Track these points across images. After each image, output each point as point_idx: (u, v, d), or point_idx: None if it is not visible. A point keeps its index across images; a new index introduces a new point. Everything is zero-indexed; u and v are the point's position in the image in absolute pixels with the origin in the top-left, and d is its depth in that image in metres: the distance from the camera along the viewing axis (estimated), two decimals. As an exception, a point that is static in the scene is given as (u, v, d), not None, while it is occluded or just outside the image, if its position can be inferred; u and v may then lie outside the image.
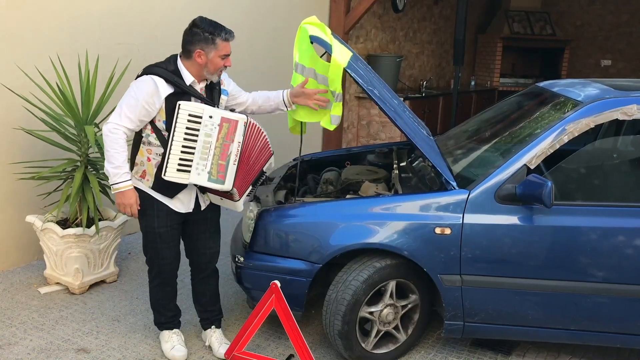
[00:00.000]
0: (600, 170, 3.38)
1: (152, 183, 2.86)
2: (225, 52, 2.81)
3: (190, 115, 2.72)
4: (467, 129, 4.05)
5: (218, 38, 2.78)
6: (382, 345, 3.20)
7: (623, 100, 3.00)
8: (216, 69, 2.83)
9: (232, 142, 2.79)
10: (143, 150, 2.86)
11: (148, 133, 2.84)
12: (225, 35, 2.79)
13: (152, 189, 2.88)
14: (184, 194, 2.92)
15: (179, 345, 3.14)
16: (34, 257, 4.25)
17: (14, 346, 3.18)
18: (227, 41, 2.81)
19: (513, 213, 2.95)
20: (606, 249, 2.91)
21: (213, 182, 2.81)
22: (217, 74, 2.86)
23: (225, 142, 2.78)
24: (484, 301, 3.05)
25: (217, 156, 2.78)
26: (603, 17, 10.33)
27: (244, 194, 3.01)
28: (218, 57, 2.79)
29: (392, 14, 8.00)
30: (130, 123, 2.76)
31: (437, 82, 9.45)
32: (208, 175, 2.79)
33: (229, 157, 2.80)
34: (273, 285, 2.90)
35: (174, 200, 2.92)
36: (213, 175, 2.80)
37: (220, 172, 2.81)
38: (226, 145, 2.79)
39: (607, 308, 2.98)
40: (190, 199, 2.97)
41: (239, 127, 2.80)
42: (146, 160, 2.86)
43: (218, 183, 2.82)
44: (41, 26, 4.02)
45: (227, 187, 2.85)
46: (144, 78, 2.76)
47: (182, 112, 2.70)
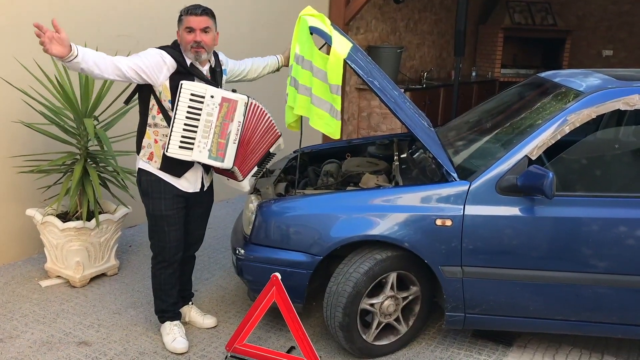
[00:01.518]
0: (601, 160, 3.36)
1: (159, 164, 2.94)
2: (187, 25, 2.85)
3: (193, 95, 2.80)
4: (468, 120, 4.03)
5: (183, 15, 2.88)
6: (383, 337, 3.21)
7: (625, 90, 2.98)
8: (186, 45, 2.87)
9: (232, 122, 2.88)
10: (150, 132, 2.95)
11: (154, 114, 2.92)
12: (188, 10, 2.87)
13: (160, 170, 2.95)
14: (191, 174, 3.01)
15: (180, 338, 3.15)
16: (34, 251, 4.25)
17: (15, 339, 3.18)
18: (189, 14, 2.85)
19: (514, 204, 2.94)
20: (607, 239, 2.90)
21: (213, 159, 2.90)
22: (192, 52, 2.87)
23: (225, 121, 2.87)
24: (485, 292, 3.05)
25: (217, 134, 2.87)
26: (604, 6, 10.27)
27: (249, 173, 3.13)
28: (184, 32, 2.87)
29: (393, 4, 7.95)
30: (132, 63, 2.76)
31: (438, 73, 9.41)
32: (208, 152, 2.88)
33: (228, 135, 2.89)
34: (274, 277, 2.90)
35: (181, 180, 3.00)
36: (213, 153, 2.89)
37: (219, 150, 2.90)
38: (225, 125, 2.87)
39: (609, 299, 2.98)
40: (197, 179, 3.06)
41: (238, 107, 2.88)
42: (153, 142, 2.95)
43: (218, 160, 2.91)
44: (39, 18, 3.99)
45: (226, 165, 2.93)
46: (154, 49, 2.88)
47: (184, 91, 2.79)
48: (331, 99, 3.16)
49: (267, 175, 3.70)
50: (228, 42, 2.88)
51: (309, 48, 3.18)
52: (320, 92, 3.19)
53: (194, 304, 3.47)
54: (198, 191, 3.07)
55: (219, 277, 4.07)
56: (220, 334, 3.35)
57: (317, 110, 3.20)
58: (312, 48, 3.16)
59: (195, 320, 3.36)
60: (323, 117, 3.20)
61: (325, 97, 3.18)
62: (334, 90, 3.10)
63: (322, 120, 3.20)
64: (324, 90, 3.17)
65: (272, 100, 3.32)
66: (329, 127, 3.21)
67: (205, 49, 2.88)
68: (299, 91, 3.23)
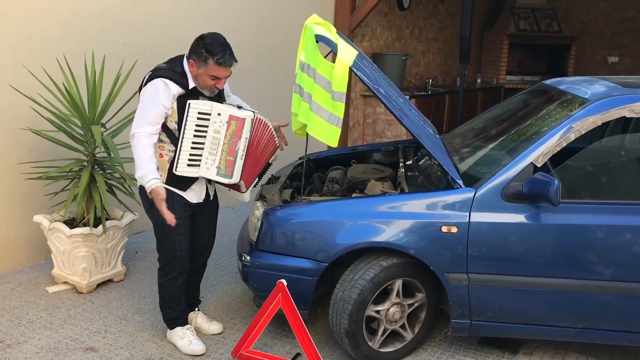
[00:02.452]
0: (606, 168, 3.37)
1: (165, 178, 2.96)
2: (214, 74, 2.85)
3: (200, 113, 2.84)
4: (474, 127, 4.04)
5: (211, 59, 2.82)
6: (388, 343, 3.21)
7: (630, 97, 2.99)
8: (205, 86, 2.90)
9: (240, 139, 2.93)
10: (155, 147, 2.95)
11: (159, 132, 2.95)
12: (219, 60, 2.82)
13: (166, 184, 2.96)
14: (197, 185, 3.05)
15: (196, 340, 3.20)
16: (41, 257, 4.27)
17: (22, 345, 3.20)
18: (219, 65, 2.83)
19: (519, 211, 2.94)
20: (613, 247, 2.90)
21: (221, 176, 2.95)
22: (207, 90, 2.92)
23: (233, 138, 2.91)
24: (490, 299, 3.05)
25: (225, 152, 2.90)
26: (609, 13, 10.27)
27: (251, 185, 3.18)
28: (207, 75, 2.86)
29: (398, 11, 7.98)
30: (150, 127, 2.84)
31: (443, 79, 9.42)
32: (217, 169, 2.92)
33: (236, 152, 2.94)
34: (279, 284, 2.91)
35: (188, 192, 3.03)
36: (222, 170, 2.93)
37: (228, 167, 2.95)
38: (234, 142, 2.91)
39: (615, 306, 2.97)
40: (202, 189, 3.10)
41: (246, 124, 2.93)
42: (159, 157, 2.95)
43: (226, 177, 2.97)
44: (48, 27, 4.03)
45: (235, 181, 3.00)
46: (155, 82, 2.85)
47: (192, 110, 2.82)
48: (332, 106, 3.16)
49: (273, 182, 3.71)
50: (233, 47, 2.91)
51: (314, 56, 3.19)
52: (321, 100, 3.20)
53: (200, 310, 3.47)
54: (202, 201, 3.10)
55: (225, 283, 4.08)
56: (226, 340, 3.35)
57: (315, 117, 3.21)
58: (317, 56, 3.18)
59: (201, 327, 3.37)
60: (321, 125, 3.21)
61: (325, 105, 3.19)
62: (337, 97, 3.11)
63: (320, 127, 3.20)
64: (324, 98, 3.18)
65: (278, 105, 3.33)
66: (326, 134, 3.21)
67: None
68: (303, 98, 3.25)
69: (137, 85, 4.07)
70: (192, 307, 3.41)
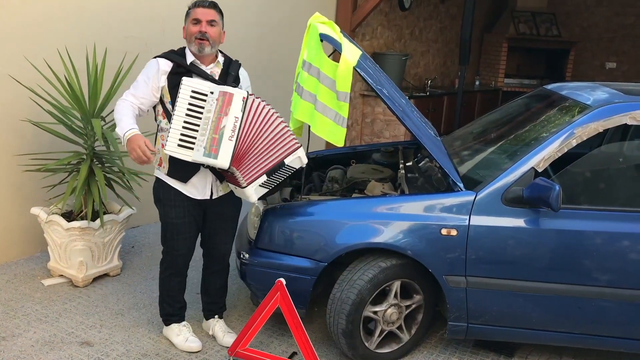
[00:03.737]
0: (606, 174, 3.37)
1: (167, 169, 2.91)
2: (193, 17, 2.86)
3: (194, 92, 2.71)
4: (474, 130, 4.04)
5: (190, 9, 2.89)
6: (385, 344, 3.21)
7: (632, 105, 3.00)
8: (191, 36, 2.85)
9: (227, 116, 2.71)
10: (159, 138, 2.94)
11: (160, 119, 2.92)
12: (195, 2, 2.88)
13: (167, 176, 2.92)
14: (198, 179, 2.93)
15: (192, 337, 3.18)
16: (36, 249, 4.25)
17: (17, 338, 3.18)
18: (196, 7, 2.87)
19: (519, 216, 2.95)
20: (611, 253, 2.91)
21: (207, 156, 2.73)
22: (196, 44, 2.84)
23: (220, 115, 2.72)
24: (488, 303, 3.05)
25: (212, 130, 2.73)
26: (609, 18, 10.30)
27: (254, 181, 2.85)
28: (190, 24, 2.87)
29: (399, 12, 7.97)
30: (133, 98, 2.86)
31: (441, 81, 9.43)
32: (204, 150, 2.73)
33: (222, 130, 2.72)
34: (278, 282, 2.90)
35: (188, 186, 2.93)
36: (207, 150, 2.72)
37: (213, 146, 2.72)
38: (219, 119, 2.72)
39: (612, 312, 2.98)
40: (205, 185, 2.97)
41: (234, 100, 2.72)
42: (161, 147, 2.90)
43: (211, 157, 2.73)
44: (50, 19, 4.01)
45: (220, 163, 2.74)
46: (149, 61, 2.90)
47: (185, 88, 2.71)
48: (337, 106, 3.17)
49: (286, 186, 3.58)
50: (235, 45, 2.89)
51: (317, 55, 3.19)
52: (326, 99, 3.20)
53: (222, 318, 3.38)
54: (208, 199, 2.99)
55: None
56: (222, 337, 3.35)
57: (321, 117, 3.21)
58: (320, 55, 3.18)
59: (216, 335, 3.29)
60: (327, 124, 3.21)
61: (330, 105, 3.19)
62: (341, 97, 3.11)
63: (326, 127, 3.20)
64: (330, 98, 3.18)
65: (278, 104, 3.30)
66: (333, 134, 3.22)
67: (210, 42, 2.83)
68: (302, 97, 3.24)
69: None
70: (212, 314, 3.35)
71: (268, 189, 2.95)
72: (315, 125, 3.14)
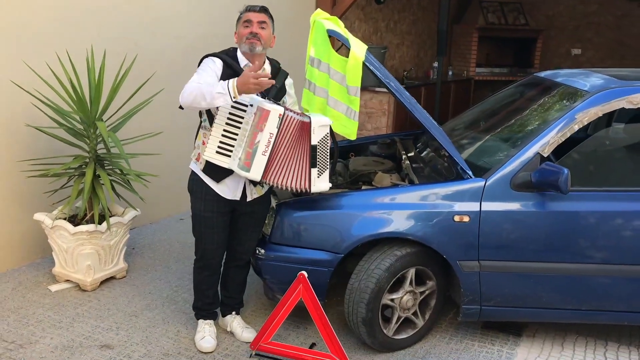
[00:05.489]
0: (608, 157, 3.50)
1: (203, 166, 2.94)
2: (245, 19, 2.92)
3: (235, 102, 2.75)
4: (471, 118, 4.15)
5: (242, 13, 2.97)
6: (401, 331, 3.30)
7: (628, 89, 3.14)
8: (242, 37, 2.90)
9: (262, 132, 2.76)
10: (200, 134, 2.98)
11: (205, 117, 2.94)
12: (247, 7, 2.96)
13: (202, 172, 2.96)
14: (231, 180, 2.97)
15: (209, 337, 3.19)
16: (37, 256, 4.20)
17: (35, 345, 3.16)
18: (248, 11, 2.94)
19: (528, 200, 3.06)
20: (617, 232, 3.05)
21: (241, 168, 2.81)
22: (246, 43, 2.87)
23: (255, 130, 2.77)
24: (500, 285, 3.17)
25: (247, 144, 2.79)
26: (573, 6, 10.60)
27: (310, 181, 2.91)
28: (242, 27, 2.93)
29: (374, 5, 8.07)
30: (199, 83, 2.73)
31: (416, 72, 9.57)
32: (238, 161, 2.81)
33: (256, 145, 2.77)
34: (301, 275, 2.96)
35: (220, 185, 2.97)
36: (241, 162, 2.81)
37: (247, 160, 2.79)
38: (255, 134, 2.77)
39: (617, 288, 3.13)
40: (237, 187, 2.99)
41: (270, 117, 2.75)
42: (201, 144, 2.95)
43: (244, 170, 2.81)
44: (43, 21, 3.95)
45: (252, 177, 2.82)
46: (204, 59, 2.92)
47: None
48: (348, 100, 3.24)
49: None
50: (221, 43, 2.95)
51: (325, 51, 3.25)
52: (337, 94, 3.26)
53: (239, 314, 3.43)
54: (239, 200, 3.01)
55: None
56: (237, 333, 3.38)
57: (332, 112, 3.28)
58: (329, 51, 3.24)
59: (235, 332, 3.34)
60: (339, 119, 3.28)
61: (341, 99, 3.26)
62: (352, 92, 3.18)
63: (338, 121, 3.28)
64: (341, 92, 3.25)
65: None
66: (346, 128, 3.30)
67: (261, 42, 2.86)
68: (315, 93, 3.30)
69: (134, 80, 4.06)
70: (230, 309, 3.39)
71: (327, 169, 2.98)
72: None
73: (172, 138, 4.80)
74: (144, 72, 4.33)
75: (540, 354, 3.33)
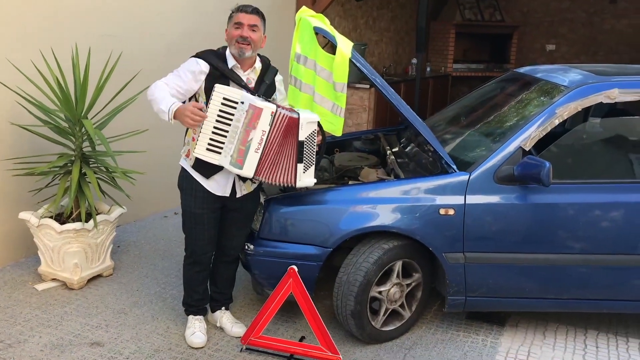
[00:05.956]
0: (588, 150, 3.59)
1: (193, 162, 2.96)
2: (236, 20, 2.92)
3: (225, 99, 2.78)
4: (452, 114, 4.23)
5: (233, 12, 2.97)
6: (389, 322, 3.36)
7: (606, 84, 3.24)
8: (232, 39, 2.91)
9: (254, 129, 2.80)
10: (190, 130, 2.99)
11: None
12: (238, 7, 2.95)
13: (192, 168, 2.98)
14: (221, 176, 2.99)
15: (199, 333, 3.21)
16: (22, 255, 4.17)
17: (24, 344, 3.15)
18: (239, 11, 2.94)
19: (511, 193, 3.15)
20: (596, 222, 3.15)
21: (233, 165, 2.85)
22: (236, 47, 2.90)
23: (248, 127, 2.80)
24: (484, 276, 3.25)
25: (239, 141, 2.82)
26: (546, 3, 10.79)
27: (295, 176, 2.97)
28: (232, 27, 2.93)
29: (354, 2, 8.11)
30: (164, 84, 2.89)
31: (395, 69, 9.65)
32: (230, 158, 2.84)
33: (249, 143, 2.81)
34: (291, 270, 3.00)
35: (210, 181, 2.99)
36: (234, 159, 2.84)
37: (239, 157, 2.83)
38: (247, 132, 2.80)
39: (596, 277, 3.23)
40: (227, 183, 3.02)
41: (263, 115, 2.79)
42: (191, 140, 2.97)
43: (237, 167, 2.85)
44: (26, 18, 3.92)
45: (245, 173, 2.87)
46: (189, 59, 2.94)
47: (217, 94, 2.79)
48: (334, 97, 3.29)
49: None
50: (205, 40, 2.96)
51: (312, 48, 3.29)
52: (323, 91, 3.31)
53: (229, 310, 3.45)
54: (228, 196, 3.04)
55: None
56: (226, 328, 3.41)
57: (318, 108, 3.32)
58: (316, 48, 3.28)
59: (224, 327, 3.36)
60: (325, 115, 3.33)
61: (327, 96, 3.31)
62: (338, 88, 3.23)
63: (324, 117, 3.32)
64: (327, 89, 3.30)
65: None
66: (331, 124, 3.35)
67: (251, 46, 2.88)
68: (301, 89, 3.34)
69: (119, 78, 4.06)
70: (219, 305, 3.41)
71: (313, 165, 3.04)
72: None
73: (156, 135, 4.79)
74: (128, 69, 4.32)
75: (523, 342, 3.42)
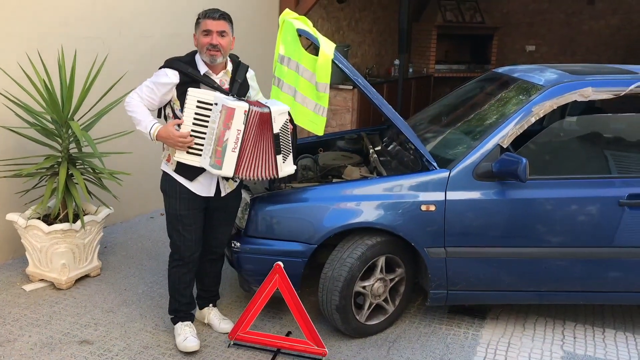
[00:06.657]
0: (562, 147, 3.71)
1: (175, 166, 3.00)
2: (204, 28, 2.93)
3: (200, 102, 2.85)
4: (433, 113, 4.33)
5: (201, 19, 2.97)
6: (373, 317, 3.44)
7: (580, 83, 3.35)
8: (202, 47, 2.94)
9: (229, 129, 2.82)
10: None
11: (171, 118, 3.01)
12: (205, 13, 2.96)
13: (175, 172, 3.02)
14: (205, 178, 3.03)
15: (192, 337, 3.19)
16: (9, 256, 4.19)
17: (13, 343, 3.19)
18: (206, 18, 2.94)
19: (490, 189, 3.25)
20: (572, 216, 3.26)
21: (212, 166, 2.88)
22: (207, 55, 2.93)
23: (222, 128, 2.84)
24: (465, 270, 3.34)
25: (215, 142, 2.86)
26: (526, 4, 10.97)
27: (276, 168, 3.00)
28: (201, 35, 2.95)
29: (336, 4, 8.21)
30: (139, 97, 2.98)
31: (377, 70, 9.75)
32: (210, 159, 2.88)
33: (225, 143, 2.84)
34: (277, 266, 3.07)
35: (194, 183, 3.03)
36: (212, 160, 2.88)
37: (217, 158, 2.86)
38: (222, 132, 2.84)
39: (573, 270, 3.34)
40: (211, 183, 3.07)
41: (236, 114, 2.81)
42: None
43: (216, 168, 2.87)
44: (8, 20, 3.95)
45: (224, 173, 2.89)
46: (159, 70, 2.97)
47: (190, 98, 2.85)
48: (316, 97, 3.36)
49: None
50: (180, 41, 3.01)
51: (295, 49, 3.36)
52: (305, 91, 3.38)
53: (216, 306, 3.51)
54: (213, 196, 3.08)
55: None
56: (214, 325, 3.47)
57: (300, 108, 3.40)
58: (299, 49, 3.35)
59: (212, 323, 3.41)
60: (307, 115, 3.41)
61: (310, 96, 3.38)
62: (321, 88, 3.31)
63: (306, 117, 3.40)
64: (309, 89, 3.37)
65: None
66: (314, 124, 3.42)
67: (221, 52, 2.93)
68: (282, 89, 3.41)
69: (105, 80, 4.10)
70: (206, 302, 3.47)
71: (290, 153, 3.09)
72: (296, 116, 3.32)
73: (141, 137, 4.79)
74: (111, 71, 4.36)
75: (503, 334, 3.52)
